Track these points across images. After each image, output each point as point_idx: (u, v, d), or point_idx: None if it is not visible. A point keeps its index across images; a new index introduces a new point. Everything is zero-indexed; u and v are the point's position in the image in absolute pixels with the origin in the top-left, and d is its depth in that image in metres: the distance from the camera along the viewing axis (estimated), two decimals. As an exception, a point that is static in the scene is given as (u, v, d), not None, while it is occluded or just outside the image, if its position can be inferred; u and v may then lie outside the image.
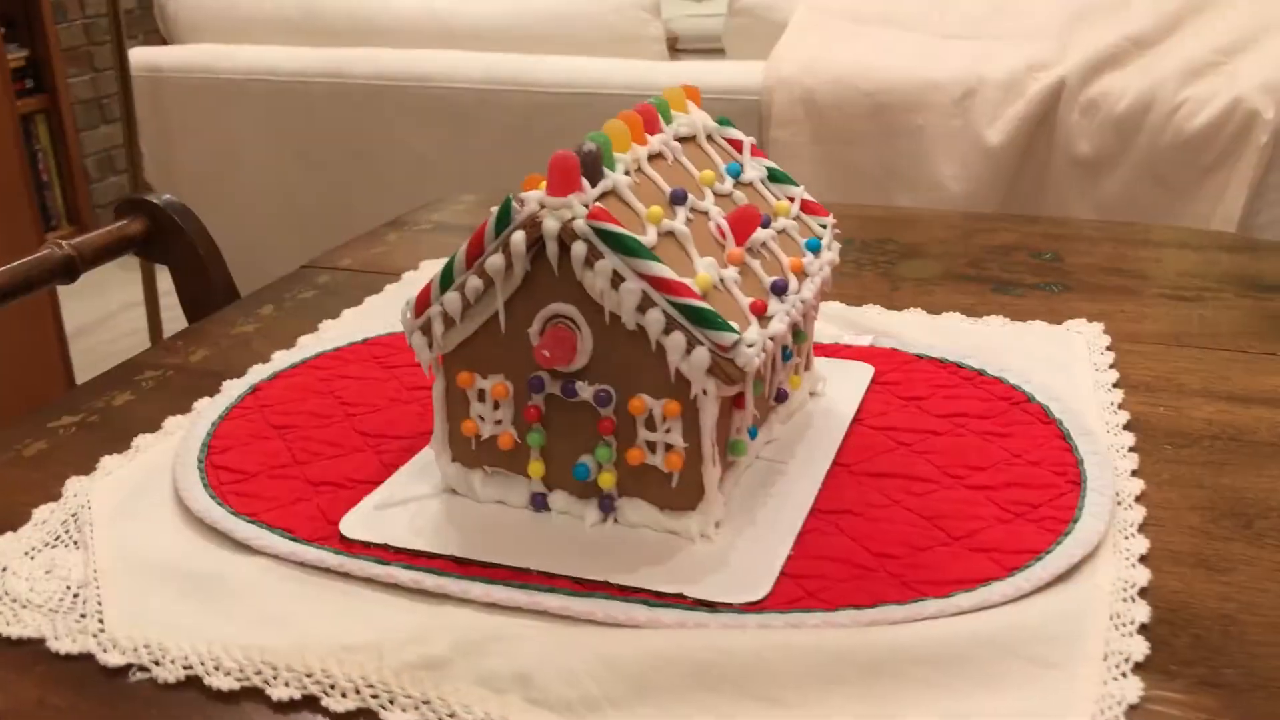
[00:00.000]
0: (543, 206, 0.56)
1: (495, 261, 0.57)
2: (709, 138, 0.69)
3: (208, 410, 0.74)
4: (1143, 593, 0.54)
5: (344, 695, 0.49)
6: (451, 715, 0.48)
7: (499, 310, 0.58)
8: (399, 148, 2.01)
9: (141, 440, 0.71)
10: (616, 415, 0.58)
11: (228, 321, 0.89)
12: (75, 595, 0.57)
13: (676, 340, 0.55)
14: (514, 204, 0.56)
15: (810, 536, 0.59)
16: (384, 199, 2.03)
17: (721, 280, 0.59)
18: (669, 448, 0.58)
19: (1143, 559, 0.56)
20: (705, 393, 0.56)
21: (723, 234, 0.62)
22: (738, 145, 0.70)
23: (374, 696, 0.49)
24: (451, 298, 0.59)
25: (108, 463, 0.68)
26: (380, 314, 0.89)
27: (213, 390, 0.77)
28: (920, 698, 0.48)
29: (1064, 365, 0.76)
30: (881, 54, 1.86)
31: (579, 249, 0.55)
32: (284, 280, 0.97)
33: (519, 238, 0.56)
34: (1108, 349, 0.79)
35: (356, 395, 0.75)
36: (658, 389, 0.57)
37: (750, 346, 0.56)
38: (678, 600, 0.54)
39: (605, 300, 0.56)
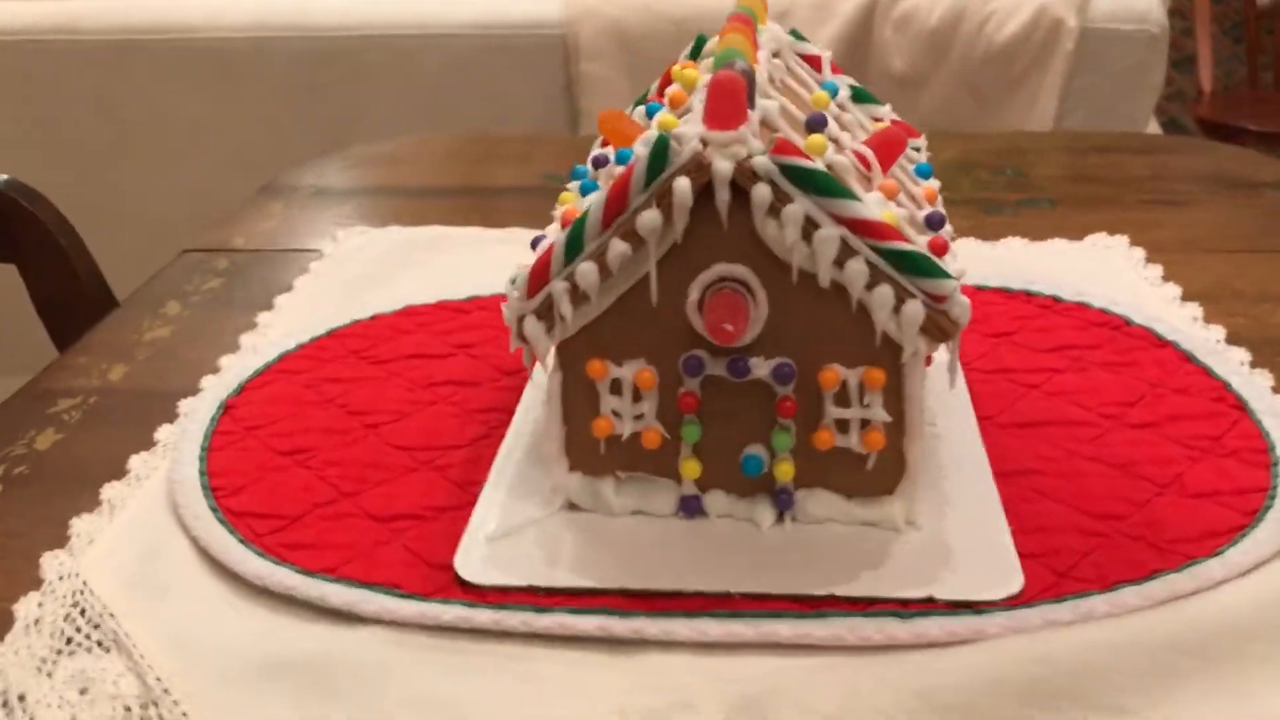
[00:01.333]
0: (706, 144, 0.45)
1: (649, 218, 0.46)
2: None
3: (181, 441, 0.58)
4: (1389, 520, 0.49)
5: (609, 797, 0.38)
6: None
7: (651, 278, 0.47)
8: (160, 111, 1.77)
9: (111, 491, 0.55)
10: (797, 393, 0.48)
11: (130, 326, 0.72)
12: (142, 718, 0.42)
13: (884, 295, 0.46)
14: (672, 144, 0.45)
15: (1013, 506, 0.51)
16: (154, 171, 1.79)
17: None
18: (865, 424, 0.48)
19: (1359, 482, 0.52)
20: (915, 354, 0.47)
21: (865, 163, 0.52)
22: (814, 61, 0.61)
23: (652, 793, 0.38)
24: (587, 269, 0.47)
25: (81, 527, 0.52)
26: (325, 298, 0.74)
27: (166, 414, 0.61)
28: (1263, 675, 0.42)
29: (1124, 283, 0.72)
30: (689, -22, 1.78)
31: (762, 193, 0.45)
32: (173, 269, 0.80)
33: (684, 185, 0.45)
34: (1148, 262, 0.75)
35: (364, 401, 0.61)
36: (850, 356, 0.47)
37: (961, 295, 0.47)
38: (928, 605, 0.45)
39: (794, 254, 0.46)
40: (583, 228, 0.47)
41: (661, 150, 0.45)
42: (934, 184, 0.58)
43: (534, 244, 0.51)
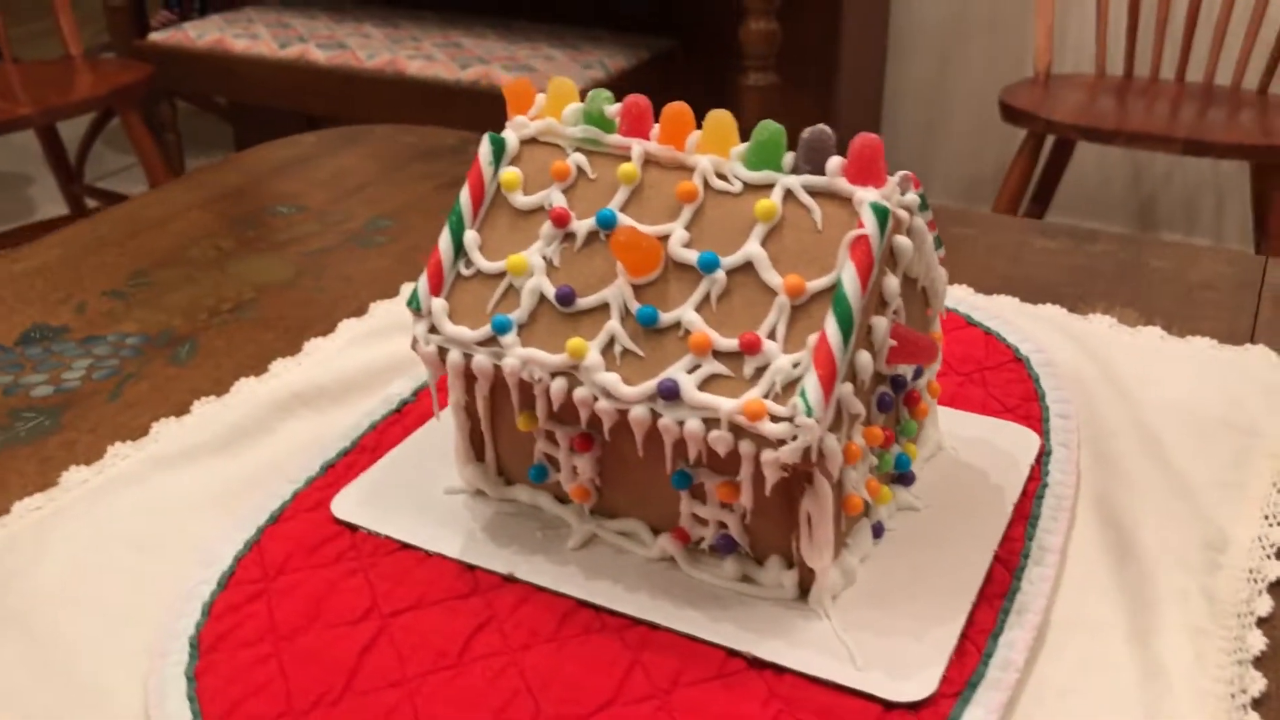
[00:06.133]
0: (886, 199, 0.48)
1: (892, 283, 0.48)
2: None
3: None
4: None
5: None
6: None
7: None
8: None
9: None
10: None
11: None
12: None
13: (942, 272, 0.55)
14: (889, 207, 0.47)
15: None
16: None
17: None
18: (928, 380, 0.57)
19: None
20: (940, 307, 0.57)
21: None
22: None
23: None
24: (865, 358, 0.47)
25: None
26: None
27: None
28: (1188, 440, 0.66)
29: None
30: None
31: (918, 225, 0.50)
32: None
33: (905, 243, 0.48)
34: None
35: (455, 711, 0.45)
36: (922, 329, 0.56)
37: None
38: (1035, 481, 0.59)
39: (917, 267, 0.52)
40: (850, 320, 0.46)
41: (886, 217, 0.47)
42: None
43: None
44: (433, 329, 0.52)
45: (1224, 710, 0.45)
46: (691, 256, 0.49)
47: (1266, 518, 0.55)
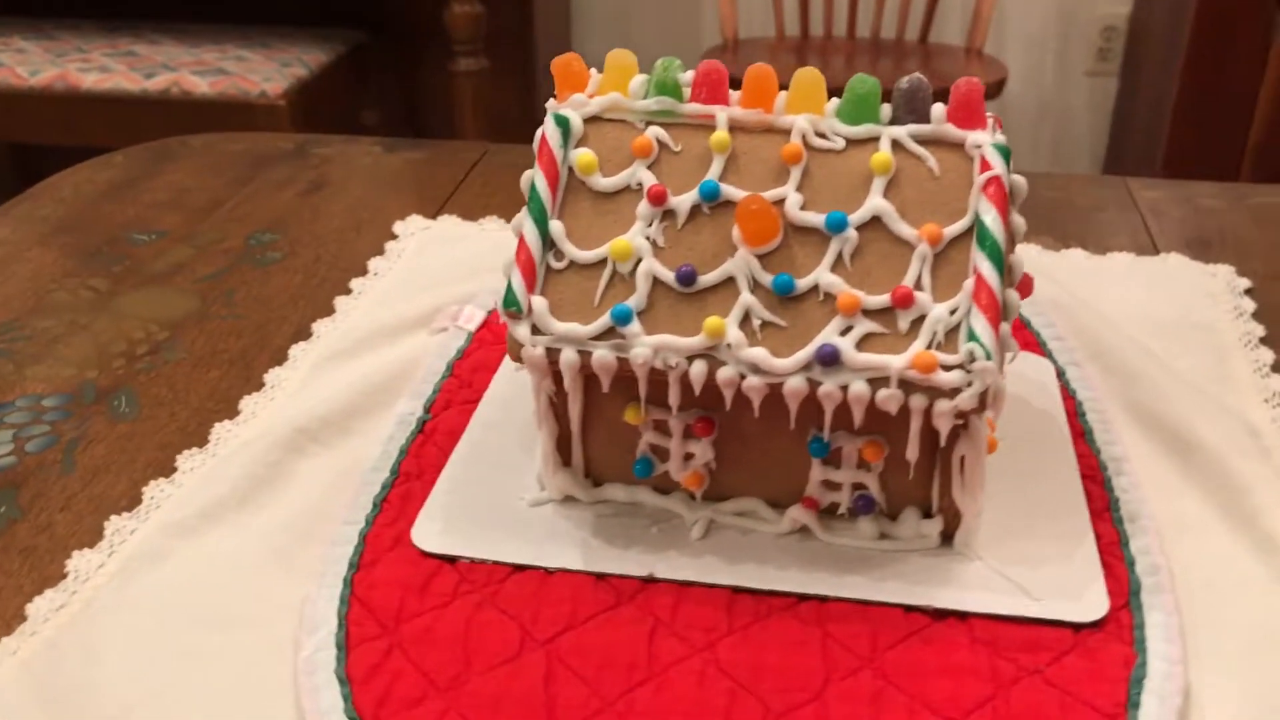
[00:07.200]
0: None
1: (1019, 222, 0.49)
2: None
3: None
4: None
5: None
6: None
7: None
8: None
9: None
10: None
11: None
12: None
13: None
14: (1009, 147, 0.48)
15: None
16: None
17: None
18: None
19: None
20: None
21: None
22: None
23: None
24: (1013, 294, 0.47)
25: None
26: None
27: None
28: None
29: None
30: None
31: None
32: None
33: (1020, 181, 0.49)
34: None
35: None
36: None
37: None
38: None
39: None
40: (1001, 258, 0.46)
41: (1009, 157, 0.48)
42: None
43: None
44: (536, 329, 0.48)
45: (1347, 572, 0.49)
46: (815, 219, 0.48)
47: (1266, 400, 0.61)
